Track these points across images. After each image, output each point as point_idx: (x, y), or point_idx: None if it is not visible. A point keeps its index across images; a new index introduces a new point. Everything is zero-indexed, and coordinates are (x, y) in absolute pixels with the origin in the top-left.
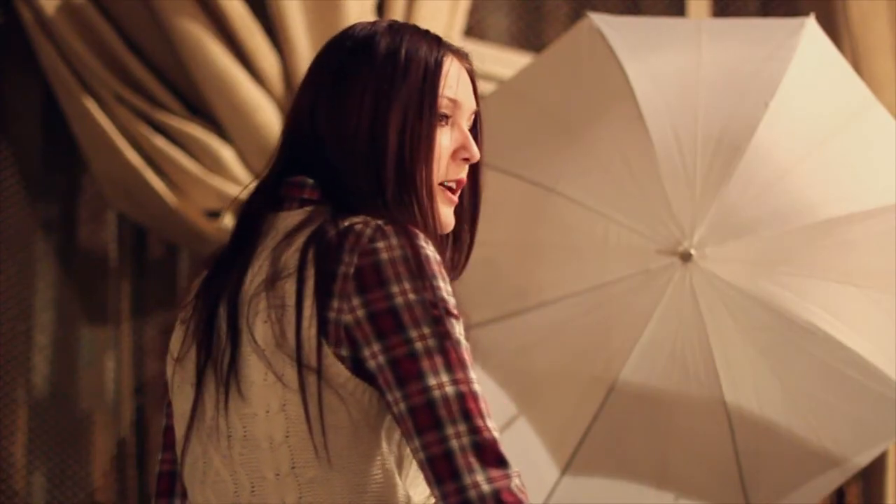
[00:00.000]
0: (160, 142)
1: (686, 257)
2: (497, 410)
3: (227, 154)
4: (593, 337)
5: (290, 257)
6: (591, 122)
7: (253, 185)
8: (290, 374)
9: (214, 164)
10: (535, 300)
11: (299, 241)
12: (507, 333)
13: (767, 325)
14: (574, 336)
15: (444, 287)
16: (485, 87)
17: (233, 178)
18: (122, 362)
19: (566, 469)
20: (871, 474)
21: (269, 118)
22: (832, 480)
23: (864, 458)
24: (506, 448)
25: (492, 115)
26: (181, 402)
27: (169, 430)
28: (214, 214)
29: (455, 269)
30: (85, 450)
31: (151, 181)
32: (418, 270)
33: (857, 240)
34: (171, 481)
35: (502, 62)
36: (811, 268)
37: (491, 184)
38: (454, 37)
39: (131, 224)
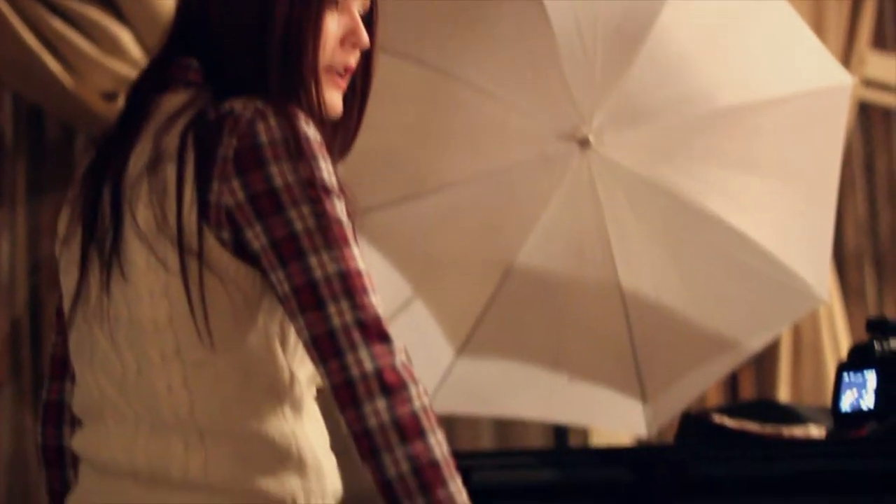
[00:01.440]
0: (57, 24)
1: (584, 143)
2: (392, 293)
3: (124, 36)
4: (490, 221)
5: (171, 141)
6: (491, 7)
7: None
8: (172, 258)
9: (112, 47)
10: (433, 184)
11: (180, 124)
12: (404, 217)
13: (665, 211)
14: (471, 220)
15: (325, 167)
16: None
17: (130, 61)
18: (17, 243)
19: (461, 351)
20: (765, 361)
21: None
22: (726, 364)
23: (757, 343)
24: (401, 331)
25: None
26: (68, 282)
27: (60, 315)
28: (112, 96)
29: (340, 152)
30: None
31: (48, 63)
32: (297, 151)
33: (757, 128)
34: (65, 367)
35: None
36: (711, 155)
37: (389, 68)
38: None
39: (28, 104)
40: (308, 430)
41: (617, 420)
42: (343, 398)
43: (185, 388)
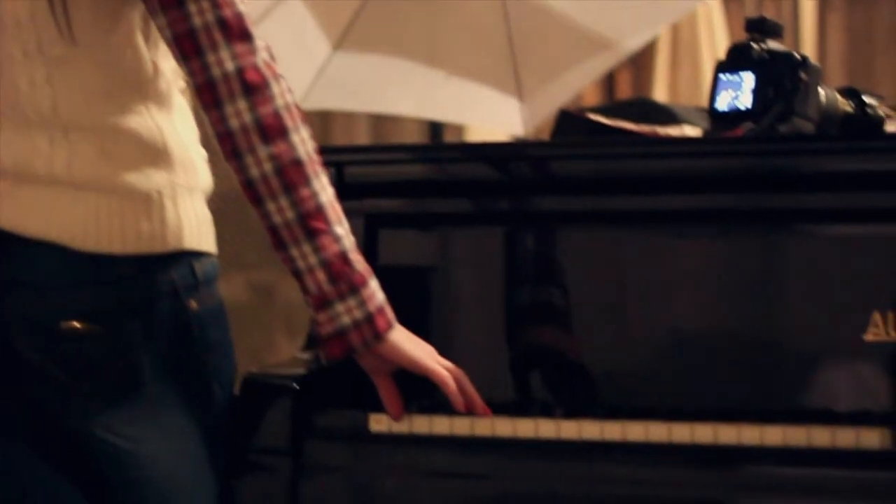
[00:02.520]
0: None
1: None
2: None
3: None
4: None
5: None
6: None
7: None
8: None
9: None
10: None
11: None
12: None
13: None
14: None
15: None
16: None
17: None
18: None
19: (338, 46)
20: (642, 62)
21: None
22: (603, 63)
23: (635, 43)
24: (276, 26)
25: None
26: None
27: None
28: None
29: None
30: None
31: None
32: None
33: None
34: None
35: None
36: None
37: None
38: None
39: None
40: (176, 123)
41: (493, 118)
42: (205, 99)
43: (47, 84)
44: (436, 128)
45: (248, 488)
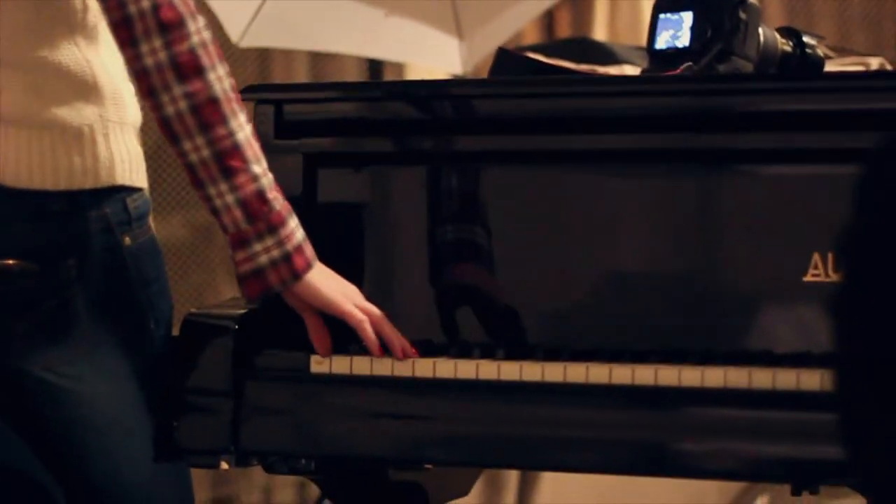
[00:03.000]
0: None
1: None
2: None
3: None
4: None
5: None
6: None
7: None
8: None
9: None
10: None
11: None
12: None
13: None
14: None
15: None
16: None
17: None
18: None
19: None
20: (581, 0)
21: None
22: (542, 2)
23: None
24: None
25: None
26: None
27: None
28: None
29: None
30: None
31: None
32: None
33: None
34: None
35: None
36: None
37: None
38: None
39: None
40: (104, 58)
41: (432, 56)
42: (121, 36)
43: None
44: (375, 66)
45: (189, 429)
